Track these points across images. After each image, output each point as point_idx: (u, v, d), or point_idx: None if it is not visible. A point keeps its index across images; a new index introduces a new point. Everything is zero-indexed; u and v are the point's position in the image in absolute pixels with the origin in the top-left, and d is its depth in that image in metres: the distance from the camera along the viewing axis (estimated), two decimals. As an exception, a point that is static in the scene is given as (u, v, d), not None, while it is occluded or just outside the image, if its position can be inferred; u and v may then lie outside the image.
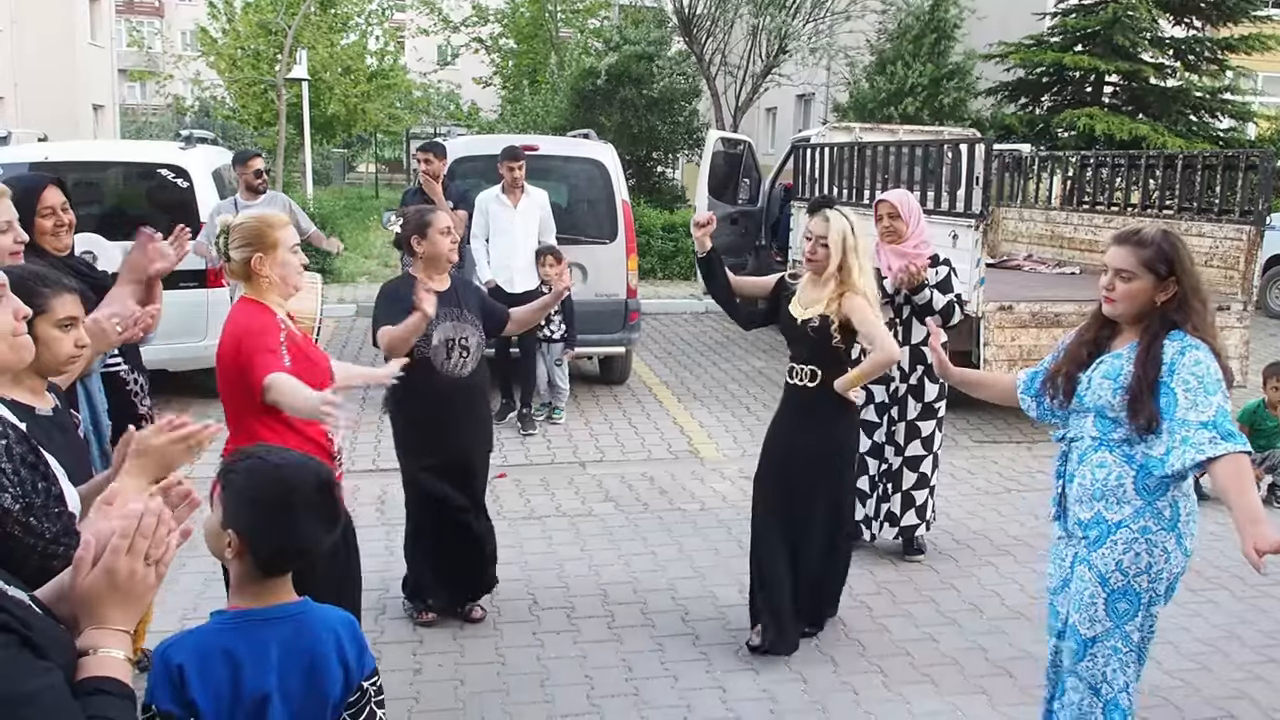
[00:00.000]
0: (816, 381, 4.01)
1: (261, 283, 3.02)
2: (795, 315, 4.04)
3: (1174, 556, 2.82)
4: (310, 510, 1.88)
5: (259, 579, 1.91)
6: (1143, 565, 2.81)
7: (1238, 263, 7.74)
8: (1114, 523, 2.83)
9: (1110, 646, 2.90)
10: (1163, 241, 2.81)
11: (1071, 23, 16.47)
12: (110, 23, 31.00)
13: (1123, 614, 2.87)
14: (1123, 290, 2.81)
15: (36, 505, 1.85)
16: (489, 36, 27.09)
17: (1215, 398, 2.64)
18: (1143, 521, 2.80)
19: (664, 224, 15.05)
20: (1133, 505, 2.81)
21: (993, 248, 10.11)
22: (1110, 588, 2.85)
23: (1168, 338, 2.75)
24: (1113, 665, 2.92)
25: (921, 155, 8.11)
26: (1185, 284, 2.77)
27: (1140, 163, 9.16)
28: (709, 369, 9.43)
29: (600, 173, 8.13)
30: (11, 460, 1.82)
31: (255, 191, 7.13)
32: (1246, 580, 4.98)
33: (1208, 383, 2.66)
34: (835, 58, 17.70)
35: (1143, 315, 2.81)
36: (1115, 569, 2.83)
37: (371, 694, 1.97)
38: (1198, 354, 2.70)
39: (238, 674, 1.83)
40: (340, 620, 1.97)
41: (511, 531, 5.34)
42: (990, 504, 5.99)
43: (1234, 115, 16.91)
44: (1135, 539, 2.81)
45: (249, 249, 2.98)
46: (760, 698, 3.83)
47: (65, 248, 3.46)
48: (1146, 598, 2.85)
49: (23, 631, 1.33)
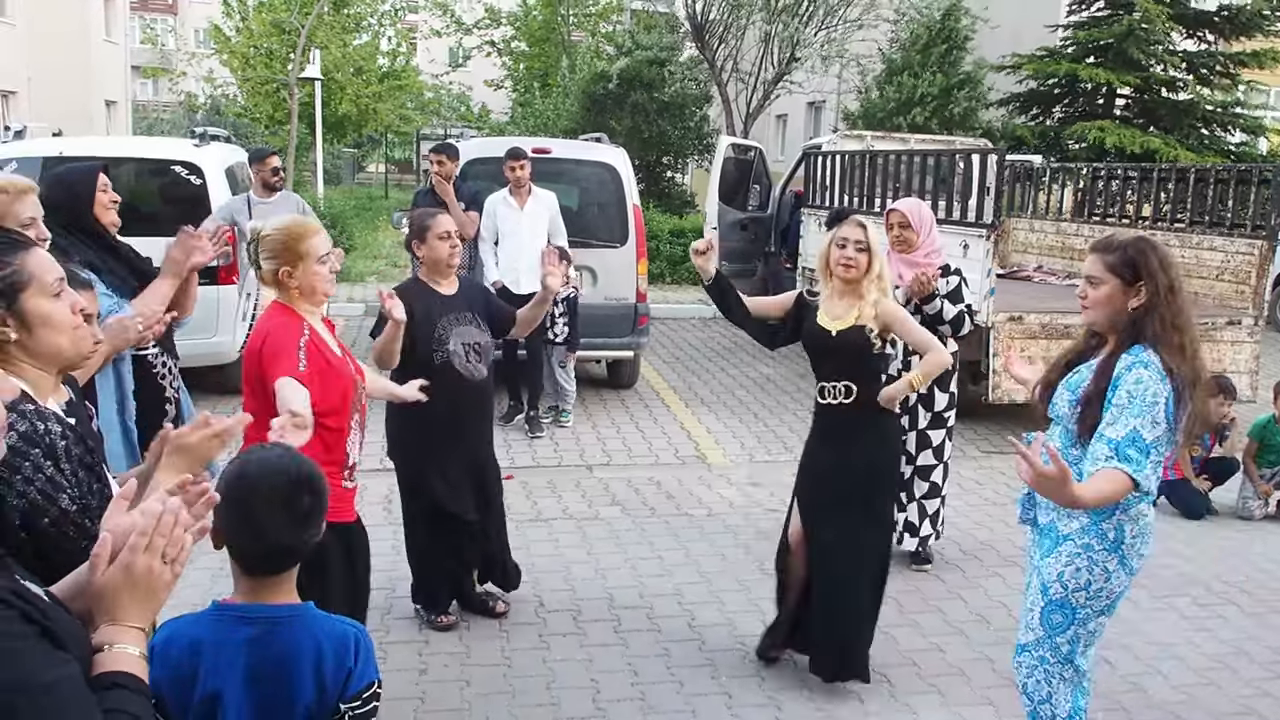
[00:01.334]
0: (853, 398, 3.76)
1: (291, 292, 3.03)
2: (827, 328, 3.78)
3: (1115, 576, 2.83)
4: (275, 510, 1.83)
5: (244, 576, 1.89)
6: (1082, 582, 2.83)
7: (1249, 277, 7.71)
8: (1063, 534, 2.87)
9: (1038, 656, 2.95)
10: (1130, 246, 2.80)
11: (1084, 35, 16.47)
12: (124, 19, 31.13)
13: (1055, 625, 2.90)
14: (1093, 296, 2.83)
15: (92, 507, 1.87)
16: (501, 39, 27.14)
17: (1136, 419, 2.61)
18: (1087, 539, 2.83)
19: (673, 229, 15.06)
20: (1080, 521, 2.84)
21: (1003, 258, 10.10)
22: (1049, 597, 2.89)
23: (1127, 351, 2.73)
24: (1036, 676, 2.96)
25: (933, 165, 8.11)
26: (1157, 288, 2.73)
27: (1152, 176, 9.15)
28: (717, 374, 9.43)
29: (612, 176, 8.13)
30: (70, 462, 1.83)
31: (271, 189, 7.15)
32: (1256, 596, 4.97)
33: (1136, 402, 2.63)
34: (847, 66, 17.71)
35: (1117, 324, 2.81)
36: (1056, 580, 2.87)
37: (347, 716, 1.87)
38: (1142, 372, 2.67)
39: (196, 665, 1.82)
40: (331, 633, 1.90)
41: (518, 534, 5.33)
42: (998, 515, 5.98)
43: (1246, 129, 16.91)
44: (1078, 554, 2.84)
45: (277, 261, 2.98)
46: (766, 704, 3.82)
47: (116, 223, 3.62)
48: (1083, 613, 2.87)
49: (43, 622, 1.34)
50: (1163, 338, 2.71)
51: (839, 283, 3.79)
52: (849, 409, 3.79)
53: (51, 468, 1.79)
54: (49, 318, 1.88)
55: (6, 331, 1.85)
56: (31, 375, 1.91)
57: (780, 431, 7.56)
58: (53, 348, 1.91)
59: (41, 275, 1.87)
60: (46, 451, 1.79)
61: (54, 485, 1.79)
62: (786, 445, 7.13)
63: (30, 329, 1.87)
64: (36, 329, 1.87)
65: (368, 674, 1.91)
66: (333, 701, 1.87)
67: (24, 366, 1.90)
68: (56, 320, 1.89)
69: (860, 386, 3.77)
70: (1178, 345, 2.72)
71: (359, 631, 1.97)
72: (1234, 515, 6.13)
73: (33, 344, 1.88)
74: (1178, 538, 5.71)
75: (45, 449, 1.79)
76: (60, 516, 1.78)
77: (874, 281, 3.77)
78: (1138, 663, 4.26)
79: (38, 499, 1.77)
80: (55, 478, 1.79)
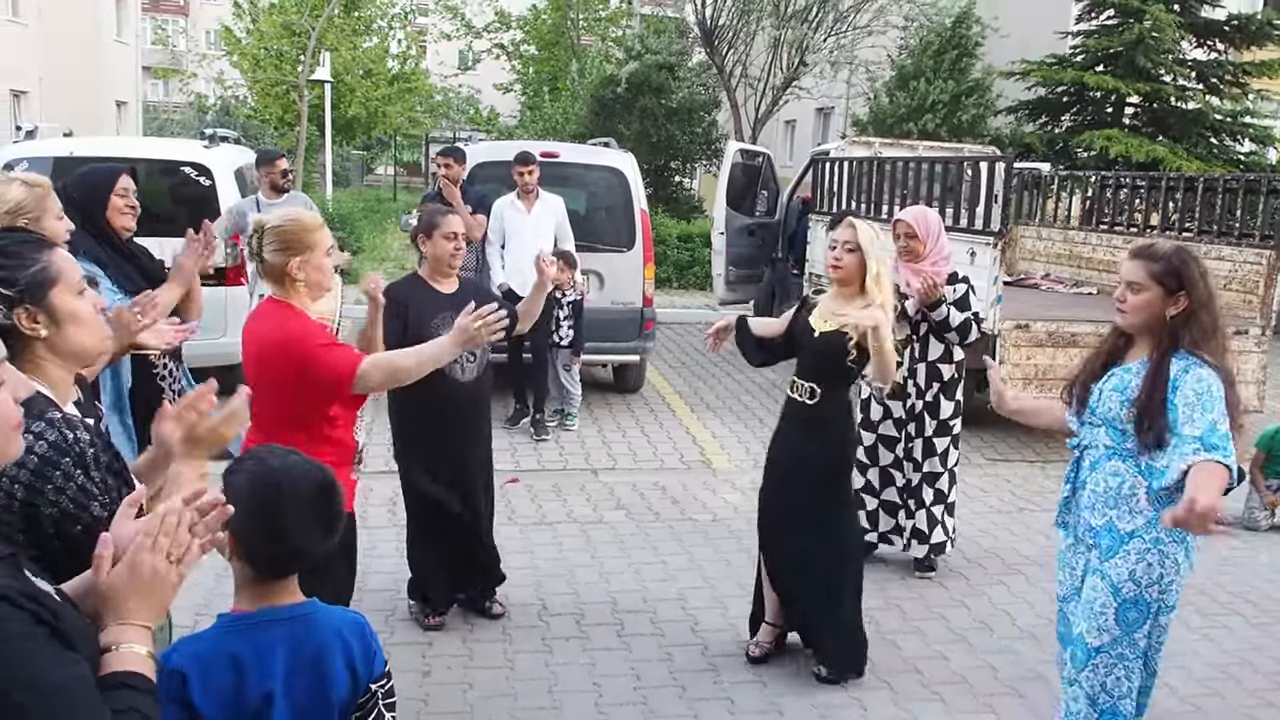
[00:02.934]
0: (815, 399, 3.94)
1: (296, 285, 2.95)
2: (814, 325, 3.97)
3: (1183, 567, 2.92)
4: (303, 515, 1.86)
5: (257, 581, 1.90)
6: (1155, 576, 2.89)
7: (1257, 287, 7.69)
8: (1126, 532, 2.90)
9: (1116, 654, 2.96)
10: (1174, 256, 2.88)
11: (1094, 43, 16.43)
12: (136, 20, 31.28)
13: (1132, 623, 2.94)
14: (1133, 302, 2.90)
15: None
16: (510, 43, 27.22)
17: (1210, 414, 2.69)
18: (1155, 532, 2.87)
19: (681, 234, 15.06)
20: (1145, 515, 2.88)
21: (1010, 266, 10.08)
22: (1122, 597, 2.92)
23: (1175, 357, 2.81)
24: (1116, 674, 2.98)
25: (941, 172, 8.11)
26: (1194, 299, 2.83)
27: (1160, 184, 9.13)
28: (723, 379, 9.43)
29: (620, 181, 8.15)
30: (99, 469, 1.84)
31: (279, 191, 7.17)
32: (1260, 606, 4.96)
33: (1205, 399, 2.71)
34: (856, 72, 17.72)
35: (1153, 328, 2.88)
36: (1129, 579, 2.90)
37: (380, 696, 1.96)
38: (1201, 372, 2.76)
39: (242, 678, 1.83)
40: (348, 622, 1.96)
41: (522, 537, 5.35)
42: (1002, 522, 5.97)
43: (1255, 139, 16.85)
44: (1148, 549, 2.88)
45: (288, 253, 2.90)
46: (768, 710, 3.82)
47: (130, 230, 3.67)
48: (1156, 607, 2.93)
49: (53, 623, 1.35)
50: (1202, 343, 2.82)
51: (835, 285, 3.98)
52: (809, 408, 3.98)
53: (82, 476, 1.80)
54: (76, 314, 1.91)
55: (37, 328, 1.87)
56: (54, 376, 1.92)
57: (785, 437, 7.55)
58: (79, 344, 1.94)
59: (68, 272, 1.91)
60: (77, 460, 1.79)
61: (85, 494, 1.80)
62: (791, 451, 7.12)
63: (59, 325, 1.89)
64: (65, 325, 1.90)
65: (383, 654, 2.00)
66: (364, 684, 1.93)
67: (48, 367, 1.91)
68: (83, 317, 1.93)
69: (824, 389, 3.94)
70: (1216, 351, 2.83)
71: (363, 616, 2.03)
72: (1240, 525, 6.11)
73: (60, 341, 1.90)
74: (1183, 547, 5.69)
75: (75, 458, 1.79)
76: (93, 523, 1.78)
77: (874, 282, 3.86)
78: (1141, 672, 4.24)
79: (70, 507, 1.78)
80: (86, 486, 1.80)
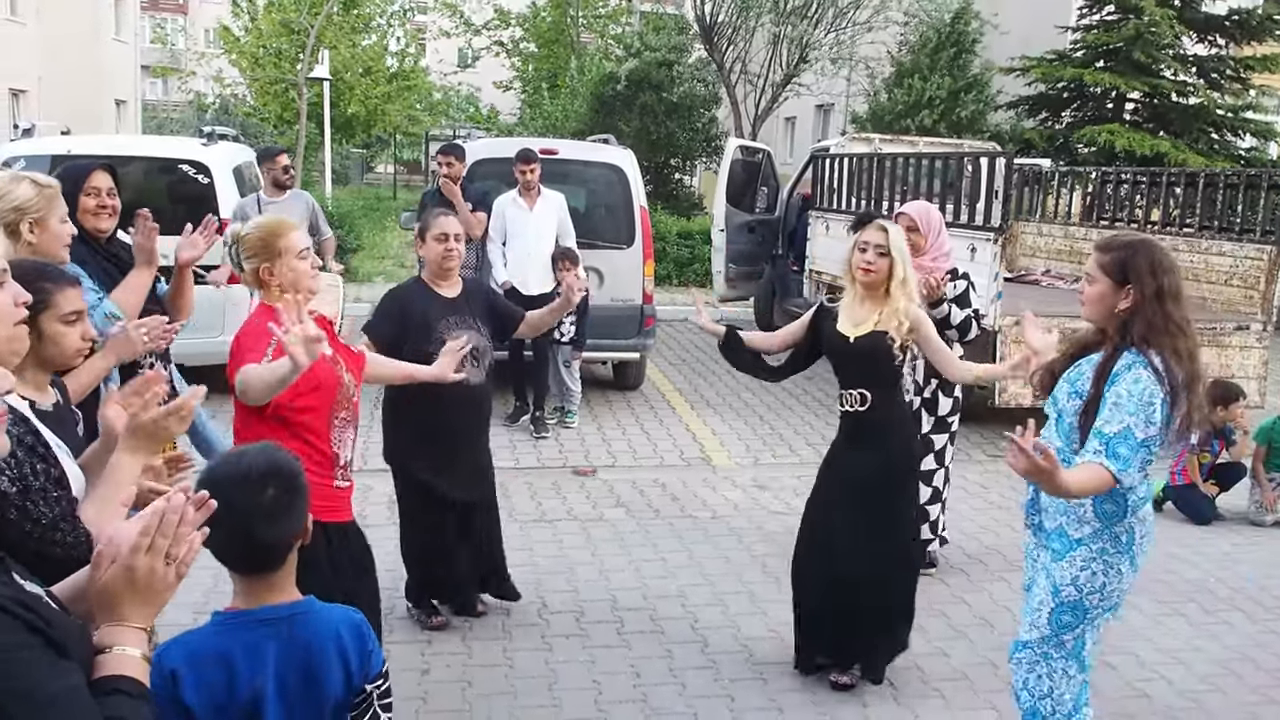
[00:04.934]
0: (868, 405, 3.81)
1: (274, 290, 3.03)
2: (846, 334, 3.81)
3: (1126, 577, 2.93)
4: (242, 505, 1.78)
5: (242, 579, 1.89)
6: (1097, 584, 2.90)
7: (1258, 282, 7.68)
8: (1075, 539, 2.91)
9: (1041, 652, 2.99)
10: (1124, 248, 2.83)
11: (1093, 38, 16.40)
12: (134, 19, 31.28)
13: (1064, 625, 2.95)
14: (1088, 293, 2.90)
15: (34, 488, 1.83)
16: (510, 40, 27.18)
17: (1130, 417, 2.66)
18: (1100, 543, 2.88)
19: (681, 231, 15.04)
20: (1091, 526, 2.89)
21: (1011, 262, 10.07)
22: (1060, 599, 2.93)
23: (1126, 353, 2.77)
24: (1039, 671, 3.00)
25: (941, 168, 8.09)
26: (1142, 293, 2.76)
27: (1161, 180, 9.11)
28: (723, 376, 9.41)
29: (619, 178, 8.13)
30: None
31: (281, 187, 7.15)
32: (1261, 603, 4.94)
33: (1130, 402, 2.68)
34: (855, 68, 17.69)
35: (1109, 321, 2.85)
36: (1070, 584, 2.91)
37: (375, 696, 1.94)
38: (1141, 372, 2.72)
39: (232, 676, 1.81)
40: (344, 621, 1.94)
41: (522, 535, 5.34)
42: (1003, 519, 5.96)
43: (1255, 134, 16.81)
44: (1093, 559, 2.89)
45: (256, 259, 3.00)
46: (768, 706, 3.81)
47: (104, 231, 3.55)
48: (1094, 613, 2.94)
49: (46, 631, 1.32)
50: (1151, 340, 2.74)
51: (860, 288, 3.81)
52: (865, 415, 3.83)
53: None
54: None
55: None
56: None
57: (785, 434, 7.55)
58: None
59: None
60: None
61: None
62: (792, 448, 7.12)
63: None
64: None
65: (381, 655, 1.98)
66: (358, 685, 1.91)
67: None
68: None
69: (875, 394, 3.81)
70: (1171, 349, 2.74)
71: (361, 615, 2.01)
72: (1244, 520, 6.10)
73: None
74: (1185, 543, 5.68)
75: None
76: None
77: (899, 286, 3.75)
78: (1143, 668, 4.24)
79: None
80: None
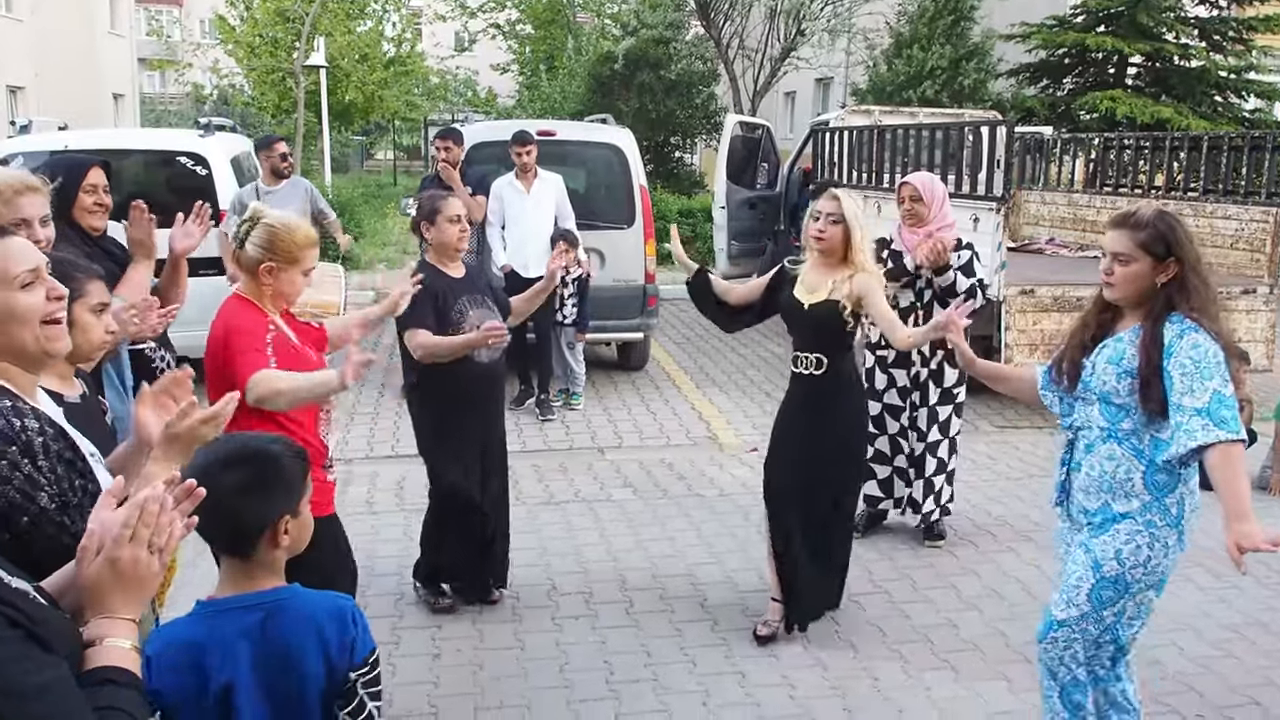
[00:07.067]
0: (824, 369, 3.95)
1: (263, 288, 2.95)
2: (801, 300, 3.96)
3: (1173, 551, 2.84)
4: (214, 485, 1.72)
5: (227, 563, 1.89)
6: (1142, 558, 2.81)
7: (1263, 245, 7.62)
8: (1120, 513, 2.83)
9: (1079, 629, 2.90)
10: (1159, 222, 2.77)
11: (1095, 3, 16.26)
12: (130, 12, 31.18)
13: (1104, 601, 2.86)
14: (1121, 274, 2.79)
15: (72, 504, 1.84)
16: (506, 22, 27.05)
17: (1212, 382, 2.60)
18: (1149, 515, 2.81)
19: (682, 209, 14.99)
20: (1140, 500, 2.81)
21: (1014, 231, 10.01)
22: (1101, 574, 2.85)
23: (1169, 321, 2.71)
24: (1073, 649, 2.93)
25: (942, 138, 8.03)
26: (1185, 263, 2.74)
27: (1164, 145, 9.04)
28: (728, 355, 9.40)
29: (618, 158, 8.09)
30: (49, 458, 1.80)
31: (279, 176, 7.14)
32: (1272, 567, 4.93)
33: (1204, 367, 2.62)
34: (854, 40, 17.57)
35: (1143, 298, 2.78)
36: (1113, 557, 2.83)
37: (360, 685, 1.90)
38: (1195, 337, 2.66)
39: (201, 664, 1.80)
40: (327, 609, 1.91)
41: (530, 517, 5.34)
42: (1011, 489, 5.95)
43: (1259, 95, 16.69)
44: (1139, 531, 2.81)
45: (266, 254, 2.91)
46: (779, 683, 3.82)
47: (99, 229, 3.54)
48: (1136, 588, 2.84)
49: (29, 625, 1.31)
50: (1198, 306, 2.72)
51: (815, 255, 3.96)
52: (820, 379, 3.97)
53: (29, 465, 1.75)
54: (12, 311, 1.79)
55: None
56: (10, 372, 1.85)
57: (792, 410, 7.53)
58: (16, 342, 1.82)
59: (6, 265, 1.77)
60: (23, 449, 1.75)
61: (32, 483, 1.76)
62: (798, 424, 7.10)
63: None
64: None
65: (369, 642, 1.94)
66: (342, 673, 1.88)
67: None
68: (20, 312, 1.79)
69: (830, 358, 3.95)
70: (1212, 314, 2.73)
71: (350, 601, 1.98)
72: (1253, 486, 6.06)
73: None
74: (1194, 509, 5.66)
75: (22, 446, 1.75)
76: (39, 515, 1.75)
77: (855, 253, 3.88)
78: (1153, 635, 4.21)
79: (15, 497, 1.73)
80: (33, 475, 1.76)
